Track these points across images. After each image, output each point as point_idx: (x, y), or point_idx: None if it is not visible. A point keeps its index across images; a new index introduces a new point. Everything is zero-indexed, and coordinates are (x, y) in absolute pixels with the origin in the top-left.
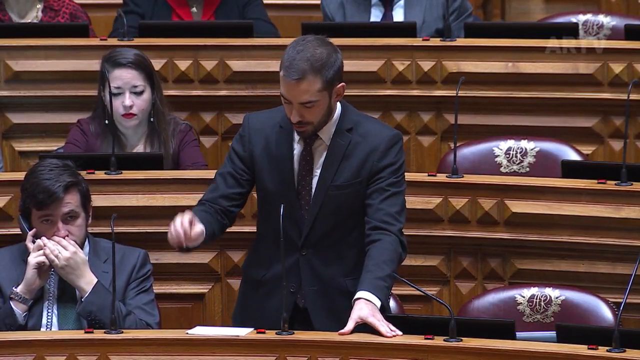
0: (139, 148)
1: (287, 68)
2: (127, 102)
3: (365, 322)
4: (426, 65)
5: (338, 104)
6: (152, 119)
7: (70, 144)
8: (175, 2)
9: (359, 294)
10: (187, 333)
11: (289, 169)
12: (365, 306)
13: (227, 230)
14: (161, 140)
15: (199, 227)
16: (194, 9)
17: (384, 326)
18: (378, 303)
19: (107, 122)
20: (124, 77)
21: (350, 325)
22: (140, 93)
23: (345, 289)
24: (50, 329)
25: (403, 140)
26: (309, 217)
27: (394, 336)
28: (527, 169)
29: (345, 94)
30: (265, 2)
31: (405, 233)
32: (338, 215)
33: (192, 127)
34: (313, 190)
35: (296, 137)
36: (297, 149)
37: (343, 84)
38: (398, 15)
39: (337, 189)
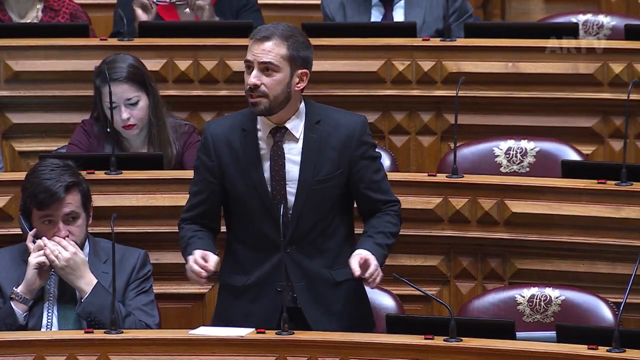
0: (142, 151)
1: (257, 31)
2: (124, 115)
3: (365, 260)
4: (426, 65)
5: (302, 99)
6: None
7: (72, 145)
8: (164, 9)
9: (358, 251)
10: (190, 333)
11: (259, 169)
12: (365, 252)
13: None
14: (161, 142)
15: (213, 257)
16: (187, 11)
17: (376, 267)
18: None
19: (108, 130)
20: (116, 92)
21: (354, 264)
22: (136, 103)
23: (331, 280)
24: (51, 330)
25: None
26: (292, 215)
27: (373, 282)
28: (527, 169)
29: (345, 94)
30: (265, 2)
31: (405, 233)
32: (320, 209)
33: (196, 128)
34: (291, 186)
35: (261, 135)
36: (264, 148)
37: (307, 72)
38: (398, 15)
39: (320, 183)
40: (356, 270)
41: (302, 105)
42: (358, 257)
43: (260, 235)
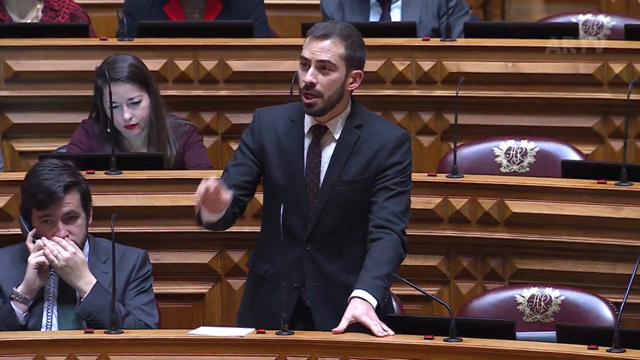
0: (143, 150)
1: (315, 28)
2: (126, 115)
3: (358, 321)
4: (426, 65)
5: (349, 100)
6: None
7: (73, 145)
8: (173, 14)
9: (355, 293)
10: (190, 333)
11: (299, 163)
12: (360, 305)
13: (227, 230)
14: (160, 142)
15: (227, 191)
16: (196, 16)
17: (376, 325)
18: (374, 302)
19: (108, 130)
20: (118, 92)
21: (343, 324)
22: (138, 103)
23: (348, 285)
24: (50, 330)
25: (411, 141)
26: (314, 212)
27: (386, 336)
28: (527, 169)
29: None
30: (265, 2)
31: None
32: (344, 212)
33: (197, 128)
34: (320, 185)
35: (307, 130)
36: (307, 143)
37: (361, 72)
38: (395, 15)
39: (344, 185)
40: (341, 329)
41: (349, 106)
42: (350, 317)
43: (286, 228)
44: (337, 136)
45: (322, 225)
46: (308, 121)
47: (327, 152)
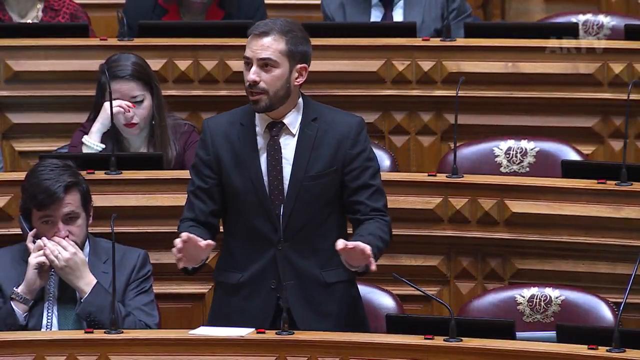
0: (142, 151)
1: (255, 26)
2: (128, 113)
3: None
4: (426, 65)
5: (300, 95)
6: (153, 122)
7: (73, 147)
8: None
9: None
10: (190, 333)
11: (256, 163)
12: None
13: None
14: (162, 142)
15: (202, 241)
16: None
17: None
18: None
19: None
20: (122, 89)
21: (340, 244)
22: (140, 102)
23: (322, 281)
24: (51, 330)
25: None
26: (285, 210)
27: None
28: (527, 169)
29: (345, 93)
30: (265, 2)
31: (405, 233)
32: (314, 206)
33: (196, 127)
34: (286, 182)
35: (259, 130)
36: (261, 142)
37: (306, 67)
38: (398, 16)
39: (313, 179)
40: (340, 245)
41: (301, 101)
42: (345, 244)
43: (254, 231)
44: (294, 131)
45: (293, 223)
46: (261, 121)
47: (287, 149)
